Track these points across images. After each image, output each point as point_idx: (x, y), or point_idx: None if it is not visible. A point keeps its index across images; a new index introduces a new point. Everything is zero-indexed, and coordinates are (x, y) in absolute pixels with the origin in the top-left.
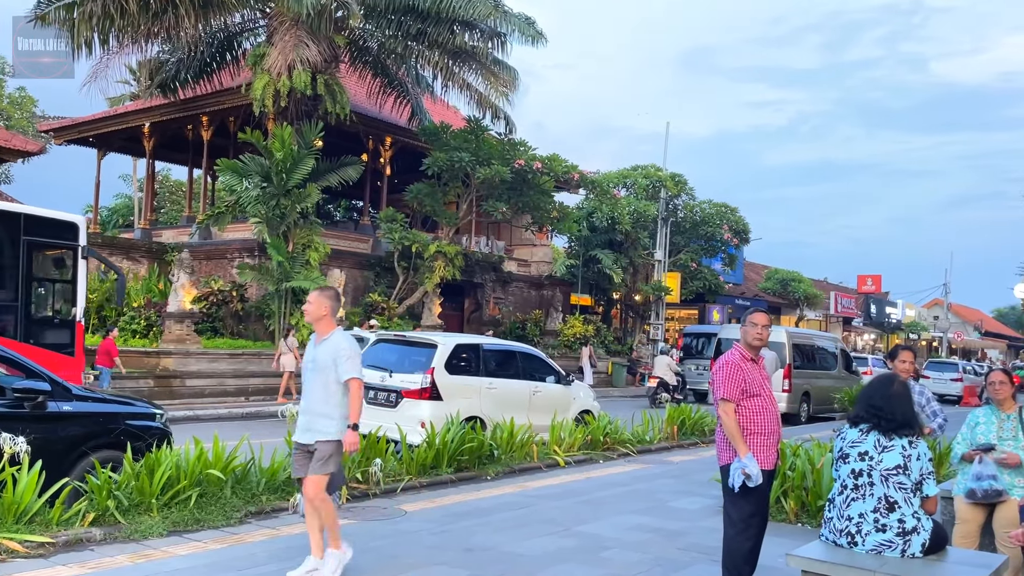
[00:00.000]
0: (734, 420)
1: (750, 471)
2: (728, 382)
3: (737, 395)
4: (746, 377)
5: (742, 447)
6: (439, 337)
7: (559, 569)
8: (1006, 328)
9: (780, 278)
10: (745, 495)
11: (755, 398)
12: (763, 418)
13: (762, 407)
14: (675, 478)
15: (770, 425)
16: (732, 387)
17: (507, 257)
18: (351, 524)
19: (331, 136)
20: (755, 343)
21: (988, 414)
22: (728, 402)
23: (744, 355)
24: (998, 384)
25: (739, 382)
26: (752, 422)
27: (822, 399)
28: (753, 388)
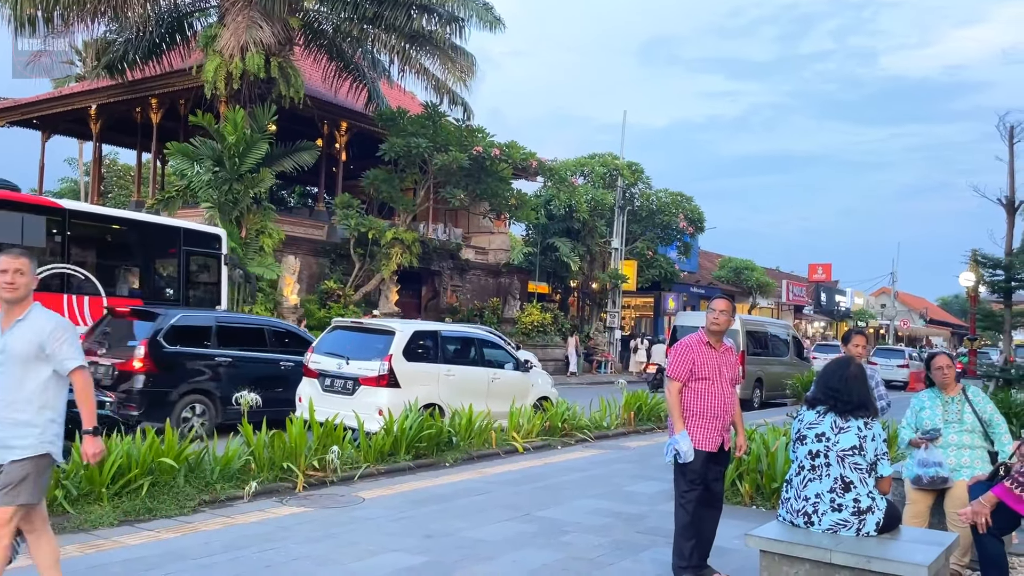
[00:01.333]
0: (676, 398)
1: (679, 447)
2: (676, 362)
3: (684, 376)
4: (696, 359)
5: (678, 424)
6: (397, 324)
7: (520, 554)
8: (950, 316)
9: (734, 267)
10: (683, 472)
11: (703, 381)
12: (708, 401)
13: (708, 391)
14: (632, 463)
15: (715, 409)
16: (679, 368)
17: (465, 245)
18: (308, 512)
19: (285, 120)
20: (712, 327)
21: (932, 398)
22: (673, 381)
23: (702, 339)
24: (945, 368)
25: (688, 363)
26: (696, 403)
27: (774, 385)
28: (703, 372)
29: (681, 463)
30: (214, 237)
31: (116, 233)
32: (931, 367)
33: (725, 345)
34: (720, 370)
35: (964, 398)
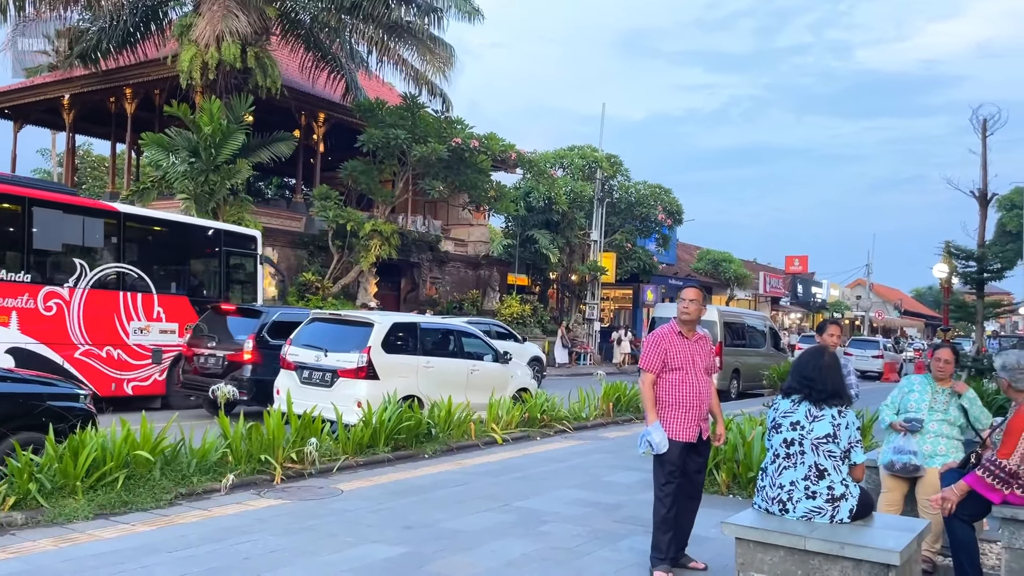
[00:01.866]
0: (648, 390)
1: (651, 439)
2: (648, 354)
3: (656, 367)
4: (668, 350)
5: (650, 415)
6: (375, 316)
7: (498, 544)
8: (924, 307)
9: (712, 259)
10: (660, 464)
11: (676, 372)
12: (681, 392)
13: (682, 381)
14: (611, 453)
15: (690, 400)
16: (651, 359)
17: (444, 236)
18: (286, 504)
19: (262, 111)
20: (682, 316)
21: (923, 383)
22: (646, 373)
23: (674, 329)
24: (943, 362)
25: (660, 355)
26: (669, 394)
27: (751, 375)
28: (675, 362)
29: (657, 455)
30: (250, 238)
31: (164, 234)
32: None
33: (698, 334)
34: (693, 360)
35: (955, 393)
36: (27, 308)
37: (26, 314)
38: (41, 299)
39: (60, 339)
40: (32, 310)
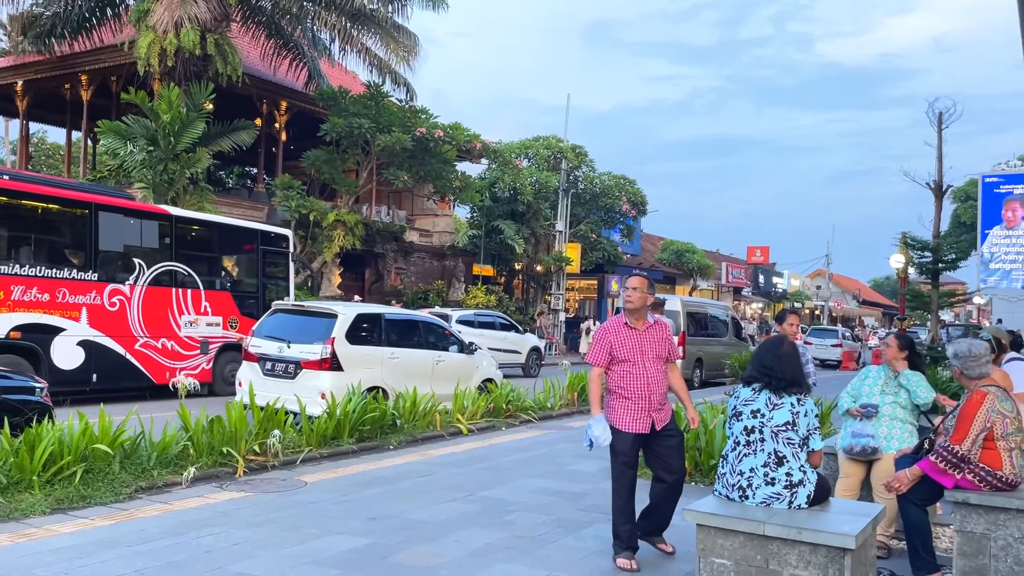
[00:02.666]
0: (592, 384)
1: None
2: (594, 348)
3: (603, 360)
4: (613, 342)
5: (593, 409)
6: (339, 307)
7: (463, 533)
8: (882, 297)
9: (675, 249)
10: (614, 456)
11: (623, 363)
12: (628, 383)
13: (631, 372)
14: (575, 442)
15: (638, 391)
16: (597, 353)
17: (409, 227)
18: (248, 496)
19: (223, 99)
20: (626, 305)
21: (879, 371)
22: (593, 367)
23: (620, 321)
24: (886, 347)
25: (605, 348)
26: (619, 386)
27: (714, 365)
28: (621, 354)
29: (612, 447)
30: (283, 237)
31: (208, 234)
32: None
33: (651, 323)
34: (642, 350)
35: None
36: (95, 304)
37: (94, 310)
38: (106, 296)
39: (123, 332)
40: (99, 306)
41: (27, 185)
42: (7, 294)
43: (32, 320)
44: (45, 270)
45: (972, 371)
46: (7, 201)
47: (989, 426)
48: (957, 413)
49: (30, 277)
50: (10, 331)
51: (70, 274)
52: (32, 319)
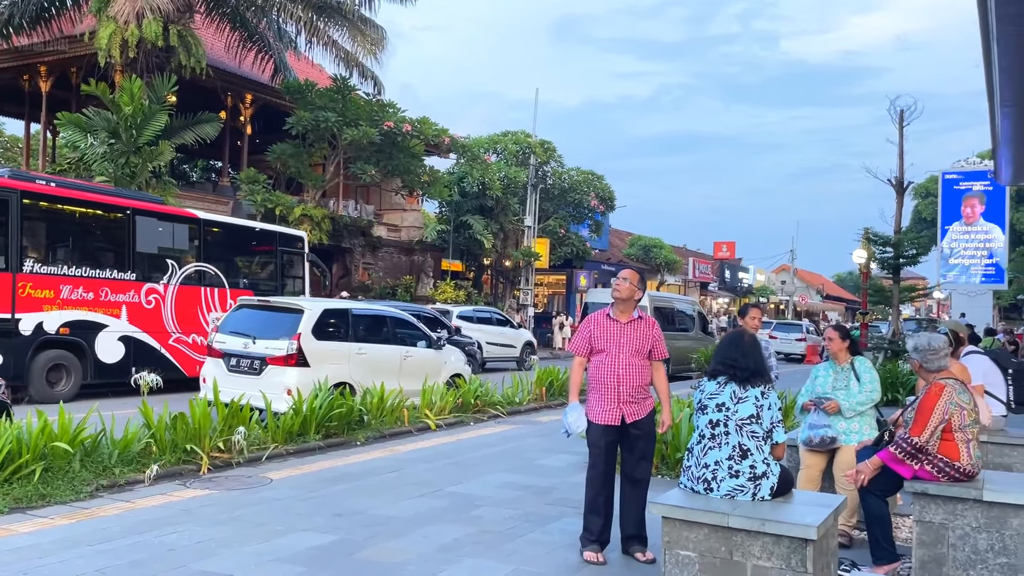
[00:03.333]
0: (574, 372)
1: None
2: (576, 337)
3: (582, 350)
4: (593, 333)
5: (570, 396)
6: (306, 302)
7: (430, 529)
8: (845, 292)
9: (643, 244)
10: (589, 447)
11: (600, 354)
12: (600, 374)
13: (604, 363)
14: (543, 437)
15: (608, 382)
16: (577, 342)
17: (377, 222)
18: (213, 494)
19: (186, 91)
20: (613, 294)
21: (827, 368)
22: (574, 356)
23: (605, 312)
24: (826, 340)
25: (585, 337)
26: (593, 376)
27: (681, 359)
28: (599, 344)
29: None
30: (299, 238)
31: (232, 236)
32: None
33: (635, 317)
34: (619, 342)
35: (852, 368)
36: (133, 302)
37: (133, 307)
38: (144, 294)
39: (159, 328)
40: (137, 304)
41: (72, 192)
42: (56, 293)
43: (79, 317)
44: (89, 270)
45: (931, 364)
46: (55, 207)
47: (947, 418)
48: (916, 405)
49: (76, 277)
50: (60, 327)
51: (111, 274)
52: (79, 316)
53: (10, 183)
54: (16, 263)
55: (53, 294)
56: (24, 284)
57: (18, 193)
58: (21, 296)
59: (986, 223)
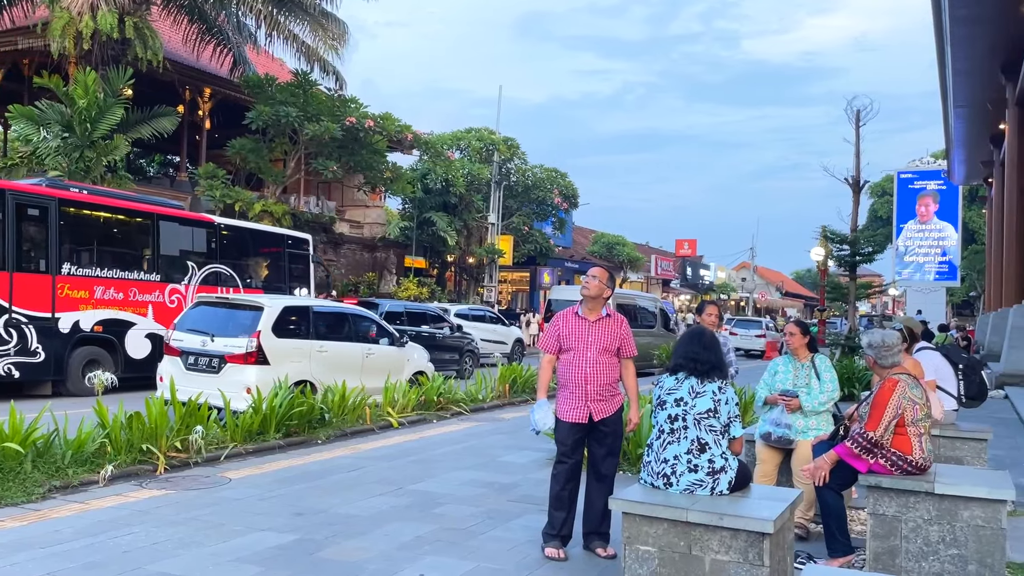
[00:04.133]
0: (543, 370)
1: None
2: (544, 335)
3: (551, 347)
4: (561, 331)
5: (540, 393)
6: (265, 299)
7: (392, 527)
8: (803, 289)
9: (606, 242)
10: (557, 444)
11: (568, 352)
12: (568, 372)
13: (571, 361)
14: (507, 434)
15: (575, 380)
16: (546, 340)
17: (339, 218)
18: (170, 494)
19: (143, 85)
20: (582, 292)
21: (786, 363)
22: (543, 353)
23: (574, 310)
24: (788, 335)
25: (554, 335)
26: (562, 374)
27: (643, 355)
28: (567, 343)
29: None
30: (304, 240)
31: (244, 238)
32: (785, 333)
33: (604, 316)
34: (587, 340)
35: (812, 365)
36: (158, 301)
37: (158, 306)
38: (167, 294)
39: None
40: (162, 303)
41: (102, 198)
42: (91, 293)
43: (111, 316)
44: (119, 272)
45: (885, 360)
46: (88, 213)
47: (900, 413)
48: (871, 401)
49: (108, 279)
50: (94, 325)
51: (138, 276)
52: (111, 315)
53: (49, 191)
54: (55, 266)
55: (88, 294)
56: (63, 285)
57: (56, 201)
58: (60, 297)
59: (940, 221)
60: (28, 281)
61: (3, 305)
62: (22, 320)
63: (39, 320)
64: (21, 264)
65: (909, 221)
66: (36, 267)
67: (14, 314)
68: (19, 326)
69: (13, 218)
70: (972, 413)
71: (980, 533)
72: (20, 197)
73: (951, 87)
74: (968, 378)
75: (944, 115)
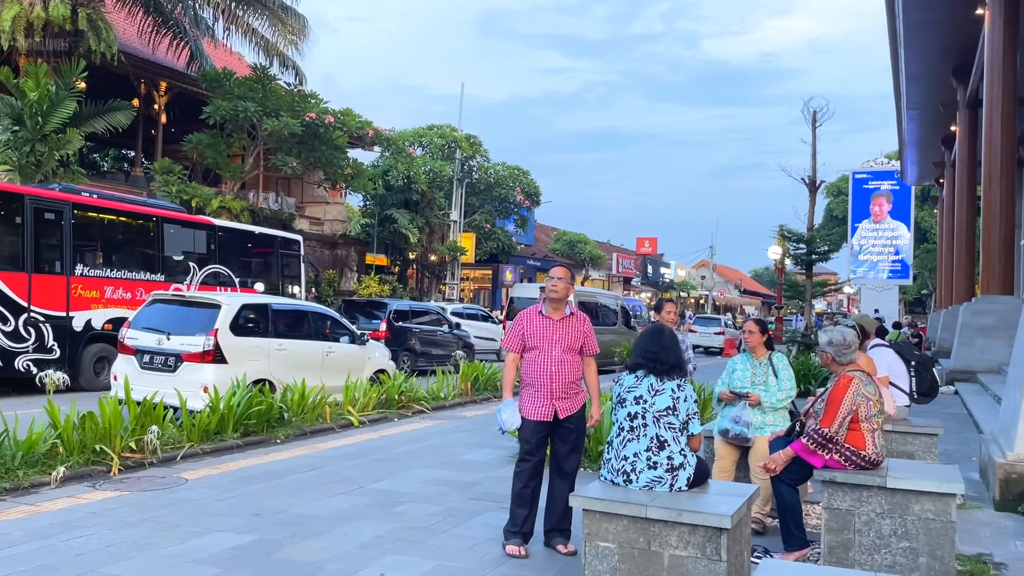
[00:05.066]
0: (508, 368)
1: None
2: (508, 334)
3: (515, 346)
4: (526, 329)
5: (505, 392)
6: (223, 297)
7: (352, 526)
8: (761, 287)
9: (568, 240)
10: (521, 442)
11: (532, 351)
12: (535, 370)
13: (535, 360)
14: (468, 432)
15: (540, 378)
16: (510, 339)
17: (299, 215)
18: (124, 495)
19: (97, 78)
20: (550, 294)
21: (744, 361)
22: (507, 352)
23: (537, 309)
24: (747, 333)
25: (518, 334)
26: (527, 373)
27: (604, 352)
28: (531, 341)
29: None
30: (296, 241)
31: (239, 240)
32: (743, 331)
33: (567, 314)
34: (551, 339)
35: (770, 363)
36: None
37: None
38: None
39: None
40: None
41: (110, 202)
42: (102, 293)
43: (120, 315)
44: (127, 273)
45: (843, 358)
46: (98, 216)
47: (855, 409)
48: (826, 397)
49: (117, 279)
50: (104, 323)
51: (144, 276)
52: (120, 314)
53: (63, 196)
54: (69, 267)
55: (99, 294)
56: (76, 286)
57: (70, 205)
58: (74, 296)
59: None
60: (44, 282)
61: (22, 305)
62: (39, 319)
63: (55, 319)
64: (38, 266)
65: (863, 220)
66: (52, 268)
67: (32, 313)
68: (37, 325)
69: (32, 222)
70: (923, 409)
71: (930, 526)
72: (38, 202)
73: (904, 89)
74: (920, 375)
75: (898, 117)
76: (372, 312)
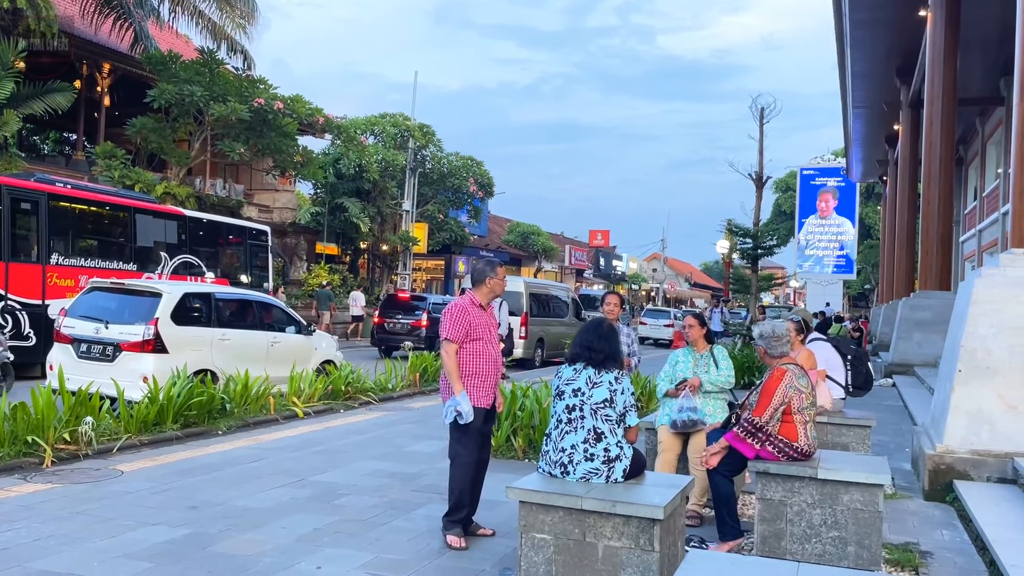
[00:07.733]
0: (454, 360)
1: (461, 408)
2: (454, 325)
3: (461, 337)
4: (472, 321)
5: (457, 385)
6: (164, 285)
7: (291, 519)
8: (711, 280)
9: (521, 231)
10: (466, 432)
11: (477, 342)
12: (480, 361)
13: (482, 351)
14: (414, 423)
15: (488, 368)
16: (457, 329)
17: (247, 202)
18: (56, 488)
19: (36, 58)
20: (497, 291)
21: (686, 354)
22: (451, 343)
23: (474, 301)
24: (687, 327)
25: (464, 325)
26: (470, 364)
27: (555, 344)
28: (477, 332)
29: (462, 424)
30: (264, 232)
31: (208, 231)
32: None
33: (491, 305)
34: (490, 330)
35: (711, 355)
36: None
37: None
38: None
39: None
40: None
41: (84, 192)
42: (77, 282)
43: None
44: (101, 262)
45: (775, 350)
46: (73, 207)
47: (787, 401)
48: (760, 389)
49: (91, 268)
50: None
51: (118, 265)
52: None
53: (39, 186)
54: (45, 256)
55: (73, 283)
56: (52, 274)
57: (46, 195)
58: (50, 285)
59: (838, 217)
60: (21, 271)
61: (0, 293)
62: (16, 307)
63: (31, 307)
64: (15, 255)
65: (810, 216)
66: (28, 257)
67: (9, 301)
68: (14, 312)
69: (9, 211)
70: (862, 401)
71: (859, 516)
72: (15, 192)
73: (850, 88)
74: (855, 368)
75: (844, 115)
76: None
